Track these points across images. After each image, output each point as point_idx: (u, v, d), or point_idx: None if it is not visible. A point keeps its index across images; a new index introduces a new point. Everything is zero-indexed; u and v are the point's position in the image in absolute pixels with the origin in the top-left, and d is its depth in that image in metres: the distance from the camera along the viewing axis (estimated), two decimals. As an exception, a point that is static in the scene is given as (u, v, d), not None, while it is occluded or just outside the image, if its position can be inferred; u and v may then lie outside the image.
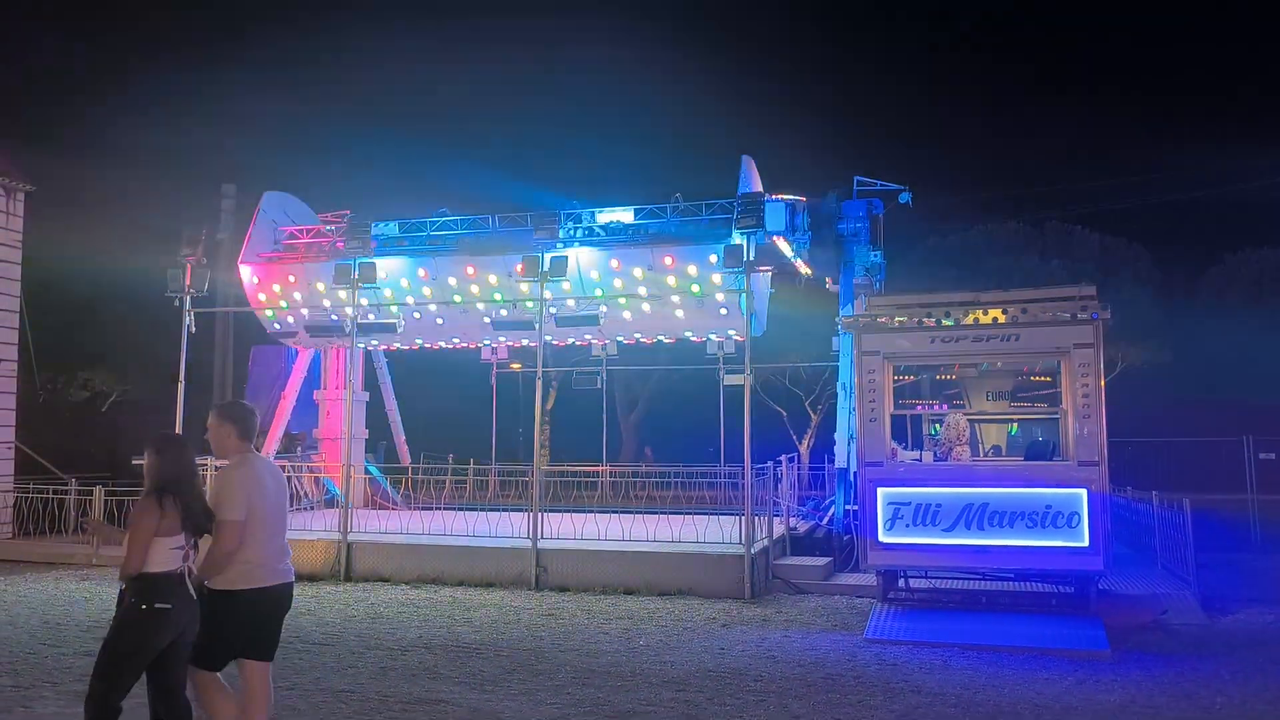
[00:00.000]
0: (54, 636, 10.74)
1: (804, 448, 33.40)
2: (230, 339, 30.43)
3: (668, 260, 16.47)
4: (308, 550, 15.12)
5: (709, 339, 21.11)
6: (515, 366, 26.48)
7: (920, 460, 12.43)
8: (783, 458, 18.70)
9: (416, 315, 18.05)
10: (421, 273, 17.56)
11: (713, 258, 15.87)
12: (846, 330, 13.62)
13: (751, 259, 14.32)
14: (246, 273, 18.58)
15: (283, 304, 18.34)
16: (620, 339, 19.61)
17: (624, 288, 16.81)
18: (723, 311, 16.84)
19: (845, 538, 15.33)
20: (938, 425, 13.08)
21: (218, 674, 5.87)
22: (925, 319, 11.92)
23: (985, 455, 13.82)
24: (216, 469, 16.04)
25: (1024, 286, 12.75)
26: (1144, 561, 15.40)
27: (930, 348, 12.01)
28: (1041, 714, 7.83)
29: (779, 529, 15.45)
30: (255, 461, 6.00)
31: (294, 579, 6.20)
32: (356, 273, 15.71)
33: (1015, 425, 14.89)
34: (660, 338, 19.65)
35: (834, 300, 18.49)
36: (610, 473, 23.78)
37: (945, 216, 32.52)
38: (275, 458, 18.79)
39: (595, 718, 7.74)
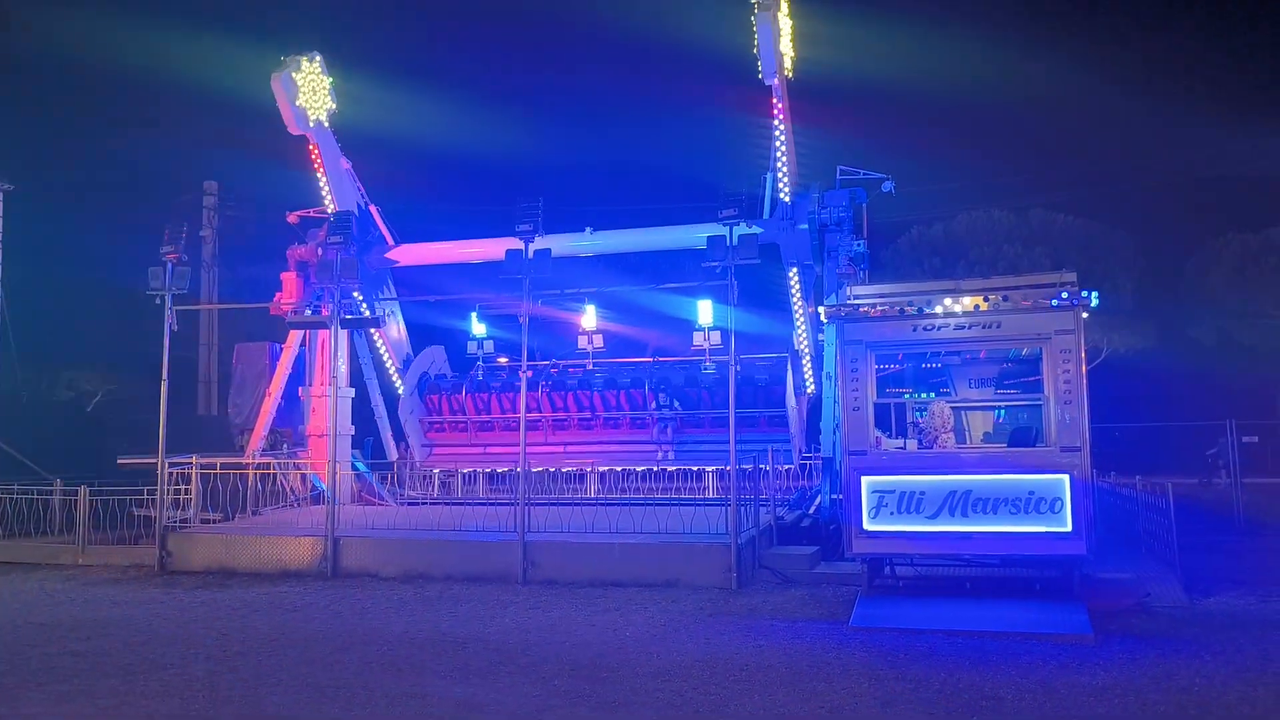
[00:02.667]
0: (39, 637, 10.70)
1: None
2: (215, 336, 30.32)
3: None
4: (294, 547, 15.10)
5: (695, 330, 21.16)
6: (502, 360, 26.41)
7: (904, 448, 12.48)
8: (769, 447, 18.76)
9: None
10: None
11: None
12: (830, 320, 13.63)
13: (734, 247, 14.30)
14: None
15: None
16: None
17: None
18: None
19: (831, 527, 15.38)
20: (921, 413, 13.13)
21: None
22: (907, 308, 11.95)
23: (975, 443, 13.88)
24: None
25: (1007, 274, 12.80)
26: (1127, 546, 15.50)
27: (913, 336, 12.04)
28: (1025, 698, 7.89)
29: (765, 519, 15.48)
30: None
31: None
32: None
33: (1002, 412, 14.95)
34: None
35: (819, 290, 18.55)
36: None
37: (928, 205, 32.57)
38: (261, 454, 18.77)
39: (582, 709, 7.77)
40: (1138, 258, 32.57)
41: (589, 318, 23.65)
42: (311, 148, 21.00)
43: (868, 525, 11.67)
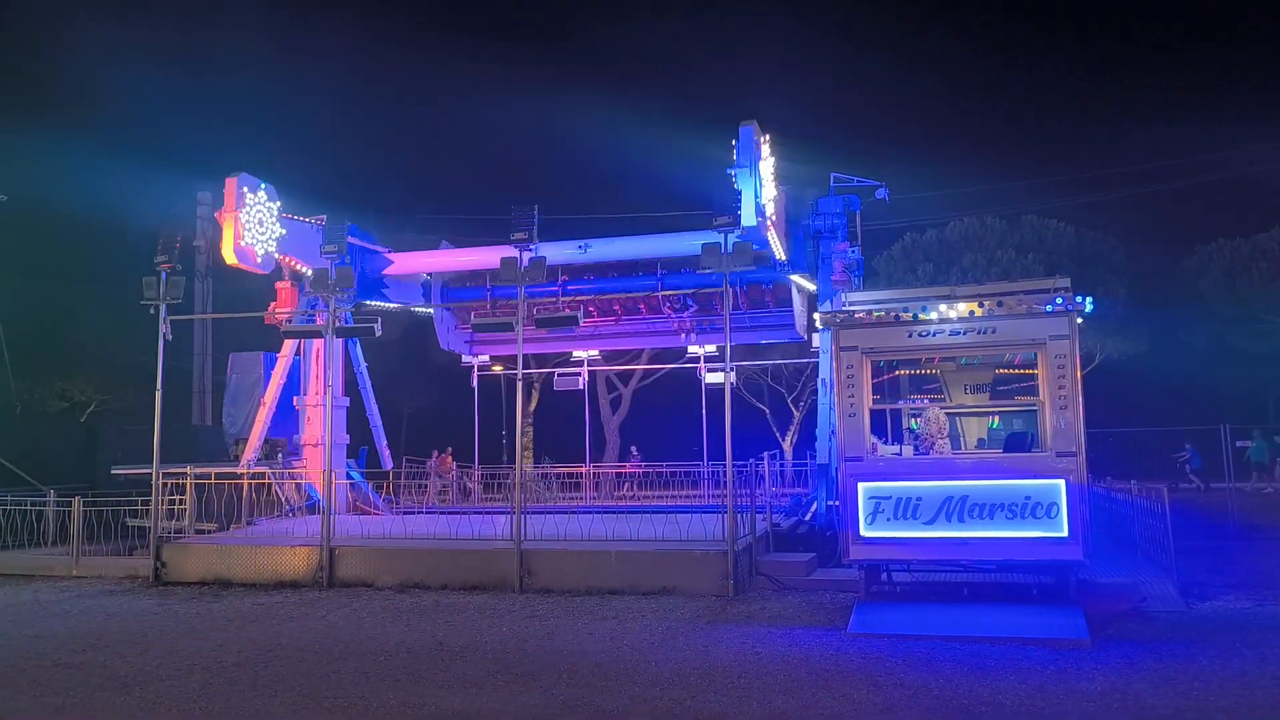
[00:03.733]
0: (33, 649, 10.65)
1: (787, 444, 33.54)
2: (209, 346, 30.26)
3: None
4: (290, 557, 15.06)
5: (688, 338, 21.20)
6: (497, 369, 26.43)
7: (900, 454, 12.49)
8: (765, 454, 18.78)
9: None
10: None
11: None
12: (825, 326, 13.66)
13: (729, 254, 14.33)
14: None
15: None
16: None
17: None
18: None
19: (828, 533, 15.39)
20: (917, 420, 13.15)
21: None
22: (903, 314, 11.98)
23: (970, 449, 13.90)
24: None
25: (1001, 280, 12.85)
26: (1123, 550, 15.53)
27: (908, 342, 12.07)
28: (1023, 704, 7.89)
29: (762, 525, 15.48)
30: None
31: None
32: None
33: (996, 418, 14.98)
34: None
35: (813, 297, 18.59)
36: (594, 473, 23.80)
37: (922, 212, 32.67)
38: (256, 464, 18.73)
39: (581, 717, 7.75)
40: (1129, 264, 32.69)
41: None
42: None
43: (864, 531, 11.68)
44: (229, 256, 17.75)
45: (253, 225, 18.02)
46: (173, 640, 10.97)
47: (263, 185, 18.25)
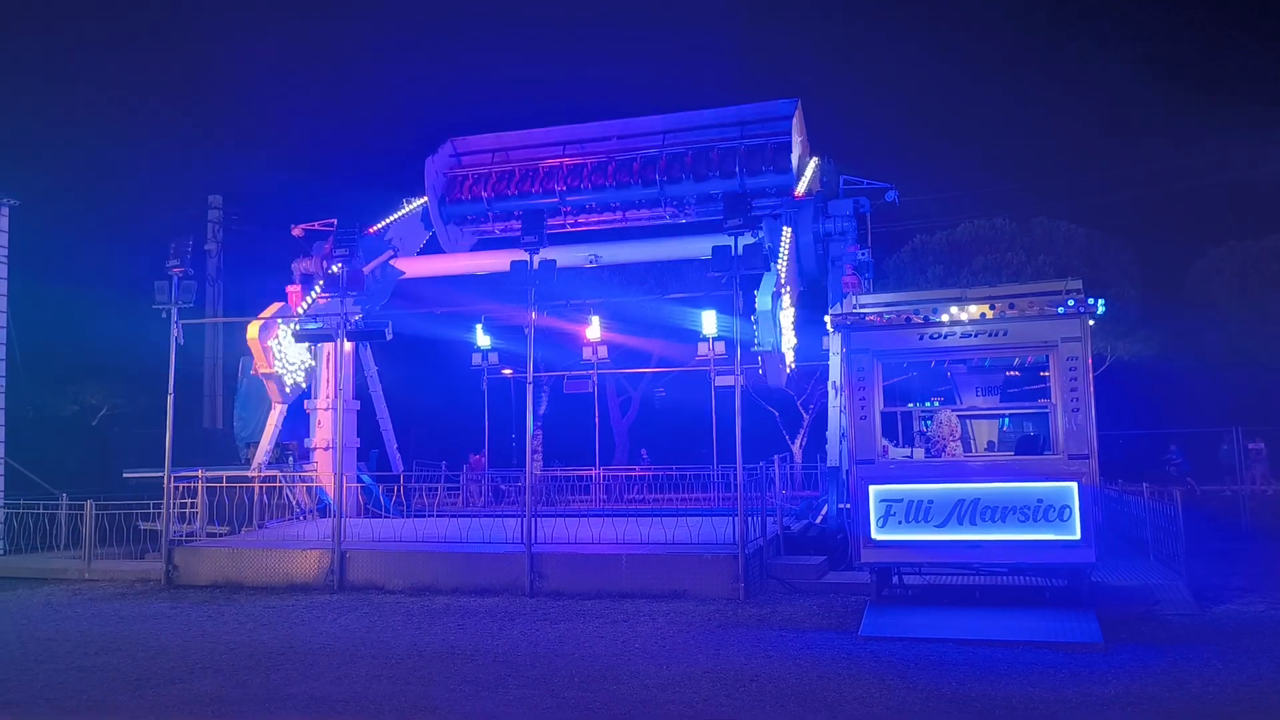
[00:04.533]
0: (47, 652, 10.69)
1: (796, 447, 33.45)
2: (220, 350, 30.39)
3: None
4: (301, 560, 15.09)
5: (699, 341, 21.19)
6: (506, 372, 26.45)
7: (911, 457, 12.46)
8: (775, 457, 18.75)
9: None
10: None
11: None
12: (835, 329, 13.62)
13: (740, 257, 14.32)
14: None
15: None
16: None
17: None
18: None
19: (839, 536, 15.36)
20: (928, 422, 13.11)
21: None
22: (913, 316, 11.95)
23: (980, 451, 13.86)
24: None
25: (1011, 282, 12.81)
26: (1136, 553, 15.46)
27: (919, 345, 12.04)
28: (1037, 707, 7.86)
29: (773, 529, 15.46)
30: None
31: None
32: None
33: (1006, 420, 14.94)
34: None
35: (823, 299, 18.55)
36: (604, 476, 23.80)
37: (931, 214, 32.59)
38: (267, 468, 18.78)
39: (592, 721, 7.75)
40: (1141, 265, 32.54)
41: (594, 329, 23.68)
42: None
43: (876, 534, 11.64)
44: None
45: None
46: (185, 643, 11.01)
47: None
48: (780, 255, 17.12)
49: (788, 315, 16.96)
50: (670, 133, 21.05)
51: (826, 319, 16.08)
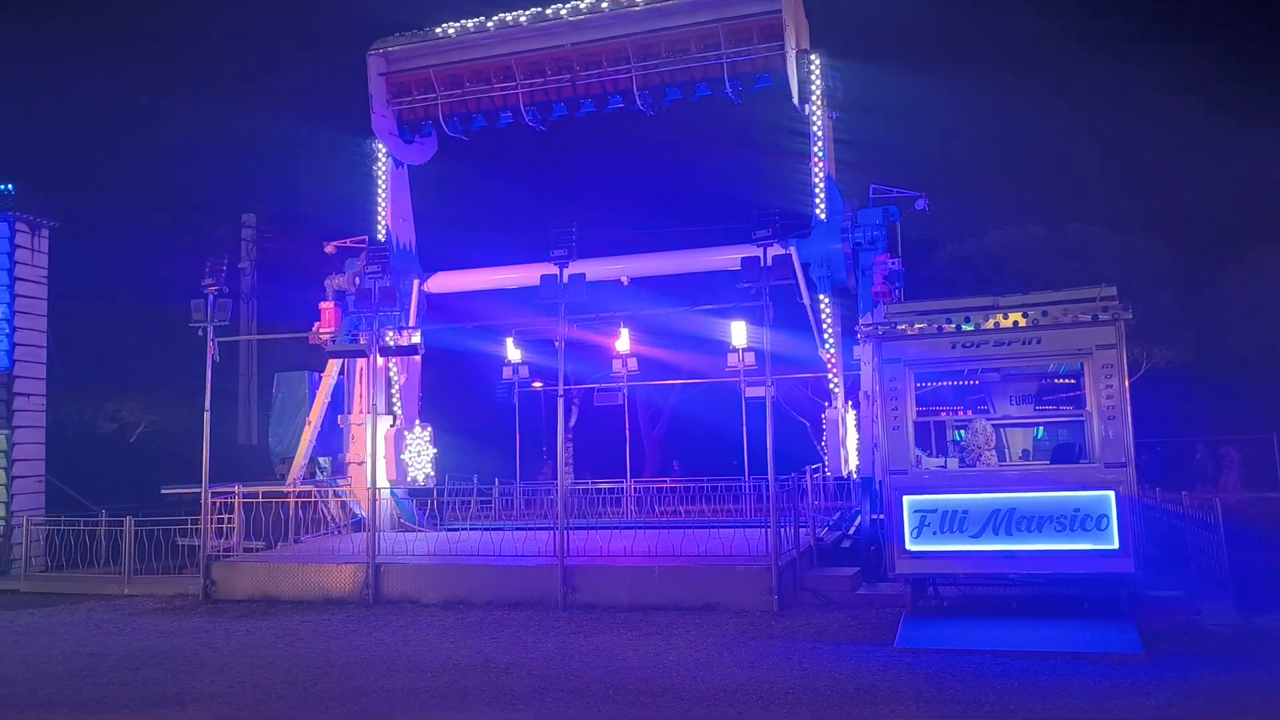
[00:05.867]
0: (89, 667, 10.84)
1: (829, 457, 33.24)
2: (254, 366, 30.76)
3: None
4: (335, 574, 15.21)
5: (729, 352, 21.17)
6: (537, 385, 26.53)
7: (945, 467, 12.37)
8: (807, 468, 18.66)
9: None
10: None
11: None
12: (867, 338, 13.58)
13: (769, 268, 14.31)
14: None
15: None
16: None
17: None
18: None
19: (872, 547, 15.26)
20: (962, 431, 13.02)
21: None
22: (945, 325, 11.89)
23: (1013, 460, 13.74)
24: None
25: (1045, 290, 12.67)
26: (1176, 562, 15.23)
27: (951, 353, 11.97)
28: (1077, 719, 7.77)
29: (805, 540, 15.40)
30: None
31: None
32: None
33: (1040, 429, 14.80)
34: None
35: (854, 308, 18.49)
36: (635, 488, 23.78)
37: (962, 221, 32.36)
38: (302, 482, 18.96)
39: (628, 734, 7.75)
40: (1176, 270, 32.14)
41: (623, 341, 23.72)
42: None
43: (910, 545, 11.57)
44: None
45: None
46: (224, 658, 11.12)
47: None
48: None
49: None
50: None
51: (857, 328, 16.04)
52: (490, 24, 19.97)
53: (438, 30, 20.26)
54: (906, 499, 11.65)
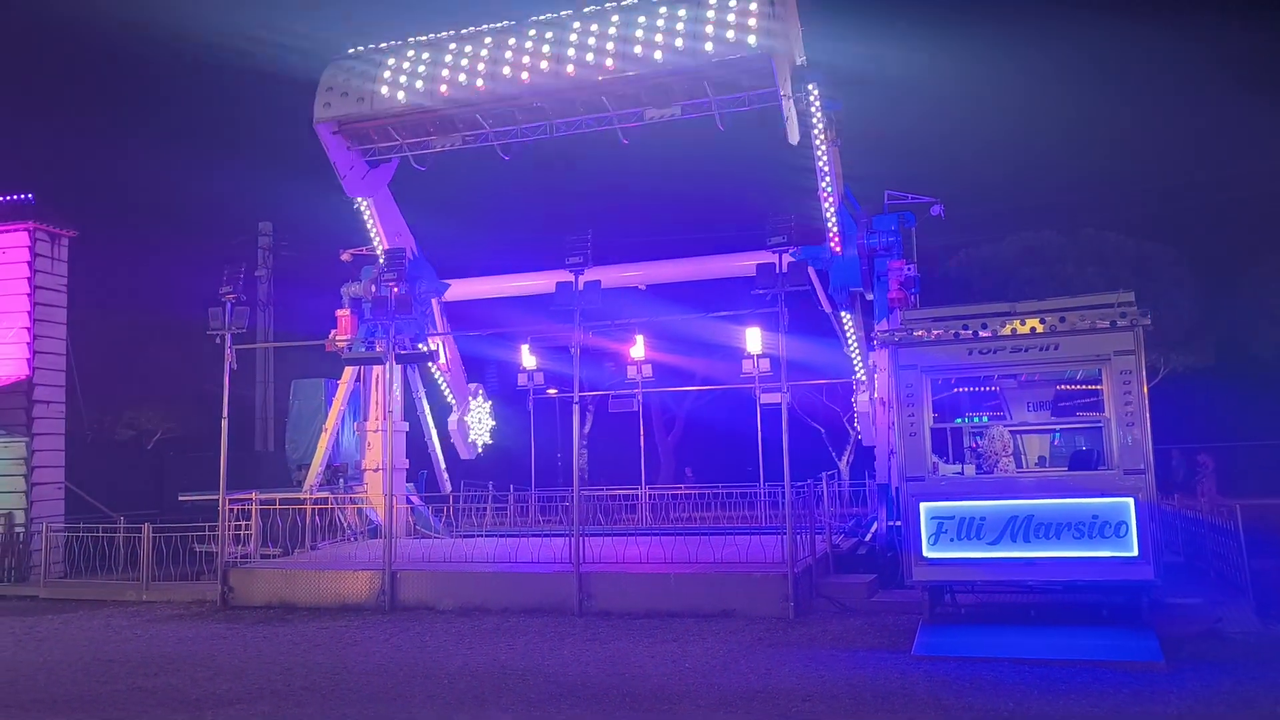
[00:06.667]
0: (108, 673, 10.90)
1: (844, 464, 33.20)
2: (271, 374, 30.91)
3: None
4: (352, 581, 15.25)
5: (744, 358, 21.16)
6: (551, 392, 26.56)
7: (962, 473, 12.32)
8: (823, 475, 18.63)
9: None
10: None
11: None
12: (883, 345, 13.55)
13: (784, 274, 14.30)
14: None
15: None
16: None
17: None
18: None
19: (889, 554, 15.20)
20: (980, 438, 12.97)
21: None
22: (962, 331, 11.85)
23: (1031, 466, 13.67)
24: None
25: (1061, 295, 12.62)
26: (1196, 570, 15.13)
27: (968, 360, 11.93)
28: (1097, 728, 7.72)
29: (821, 547, 15.35)
30: None
31: None
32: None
33: (1058, 434, 14.72)
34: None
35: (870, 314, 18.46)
36: (650, 495, 23.78)
37: (977, 227, 32.24)
38: (318, 489, 19.03)
39: (645, 741, 7.73)
40: (1194, 275, 31.94)
41: (638, 348, 23.73)
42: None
43: (928, 552, 11.52)
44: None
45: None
46: (241, 664, 11.16)
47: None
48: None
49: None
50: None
51: (874, 335, 16.01)
52: (443, 86, 17.85)
53: (383, 90, 18.22)
54: (924, 506, 11.61)
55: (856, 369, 19.34)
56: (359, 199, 20.15)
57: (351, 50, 19.11)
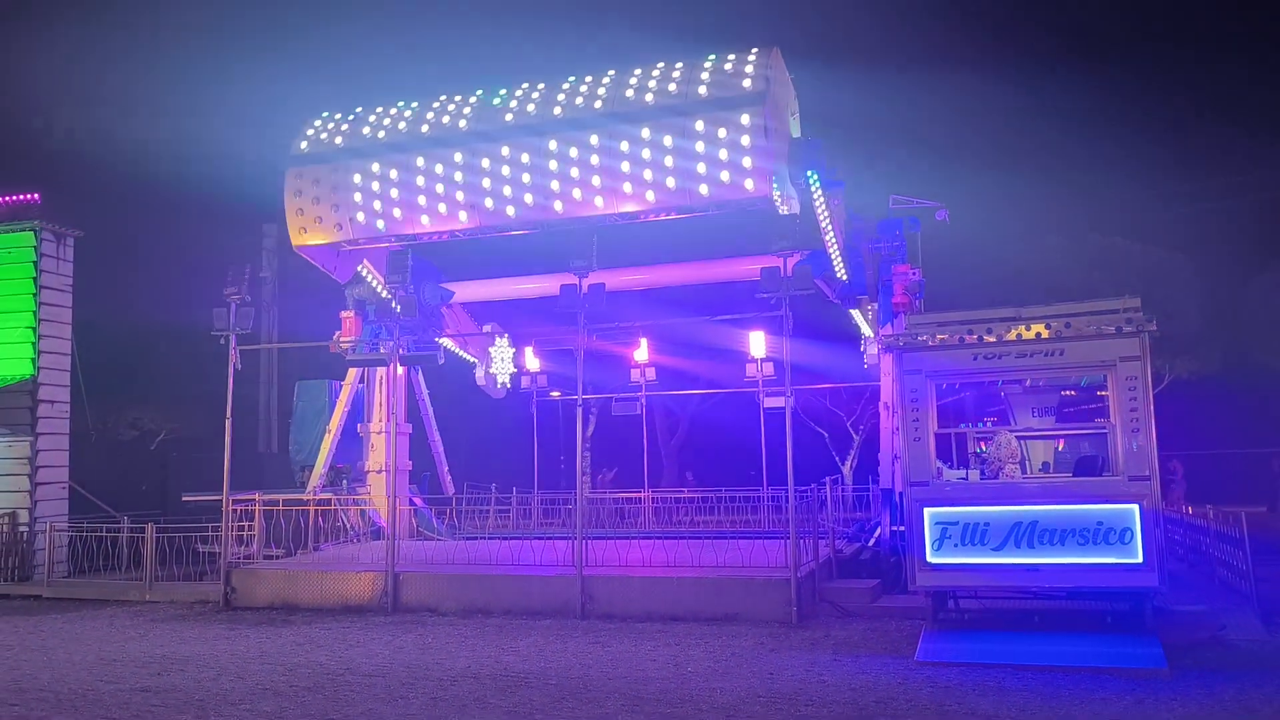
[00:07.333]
0: (111, 673, 10.90)
1: (847, 469, 33.15)
2: (275, 374, 30.94)
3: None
4: (355, 582, 15.25)
5: (748, 362, 21.17)
6: (555, 395, 26.58)
7: (966, 479, 12.31)
8: (826, 479, 18.61)
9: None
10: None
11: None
12: (887, 349, 13.54)
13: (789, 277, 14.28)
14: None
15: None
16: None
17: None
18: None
19: (892, 559, 15.19)
20: (985, 444, 12.95)
21: None
22: (968, 336, 11.83)
23: (1035, 472, 13.65)
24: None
25: (1067, 301, 12.60)
26: (1200, 577, 15.09)
27: (973, 365, 11.91)
28: (1101, 735, 7.70)
29: (825, 551, 15.33)
30: None
31: None
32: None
33: (1061, 441, 14.72)
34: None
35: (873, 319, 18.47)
36: (653, 498, 23.77)
37: (983, 232, 32.22)
38: (321, 491, 19.04)
39: (647, 745, 7.72)
40: (1200, 281, 31.90)
41: (642, 351, 23.75)
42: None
43: (931, 558, 11.51)
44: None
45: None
46: (244, 664, 11.17)
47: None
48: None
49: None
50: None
51: (878, 339, 16.00)
52: (424, 218, 16.78)
53: (359, 217, 17.06)
54: (927, 511, 11.59)
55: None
56: None
57: (305, 145, 17.80)
